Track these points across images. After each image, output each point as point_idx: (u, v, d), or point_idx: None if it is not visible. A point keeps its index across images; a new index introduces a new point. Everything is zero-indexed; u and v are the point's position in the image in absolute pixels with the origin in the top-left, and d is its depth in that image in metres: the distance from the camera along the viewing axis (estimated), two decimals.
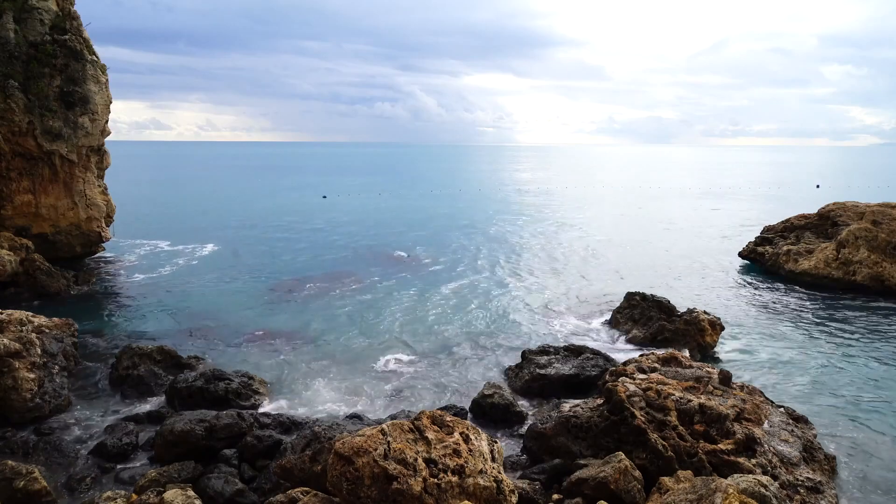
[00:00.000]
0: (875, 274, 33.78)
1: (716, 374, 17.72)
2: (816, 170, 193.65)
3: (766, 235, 42.49)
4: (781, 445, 15.19)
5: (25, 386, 18.72)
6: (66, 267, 35.35)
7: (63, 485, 15.40)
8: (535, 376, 21.23)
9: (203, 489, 14.34)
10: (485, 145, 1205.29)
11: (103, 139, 40.16)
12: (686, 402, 15.71)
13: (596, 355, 22.49)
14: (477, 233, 56.72)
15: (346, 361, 24.20)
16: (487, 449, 12.55)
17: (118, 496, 13.58)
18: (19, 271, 32.35)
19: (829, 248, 36.37)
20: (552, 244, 50.91)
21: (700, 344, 24.75)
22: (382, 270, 40.07)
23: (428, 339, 26.80)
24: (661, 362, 19.08)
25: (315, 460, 13.49)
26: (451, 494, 11.30)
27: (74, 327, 23.26)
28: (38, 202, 37.19)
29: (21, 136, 35.37)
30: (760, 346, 25.98)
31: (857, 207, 39.29)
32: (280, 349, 25.47)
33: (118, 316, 29.72)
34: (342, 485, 11.27)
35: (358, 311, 30.86)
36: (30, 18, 35.89)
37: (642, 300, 27.43)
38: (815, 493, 13.87)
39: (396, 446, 11.62)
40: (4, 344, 18.96)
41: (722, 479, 11.61)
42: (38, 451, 16.66)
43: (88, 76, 37.32)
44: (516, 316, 30.33)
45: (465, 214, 71.13)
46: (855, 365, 23.64)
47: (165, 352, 22.72)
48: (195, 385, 20.04)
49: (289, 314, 30.08)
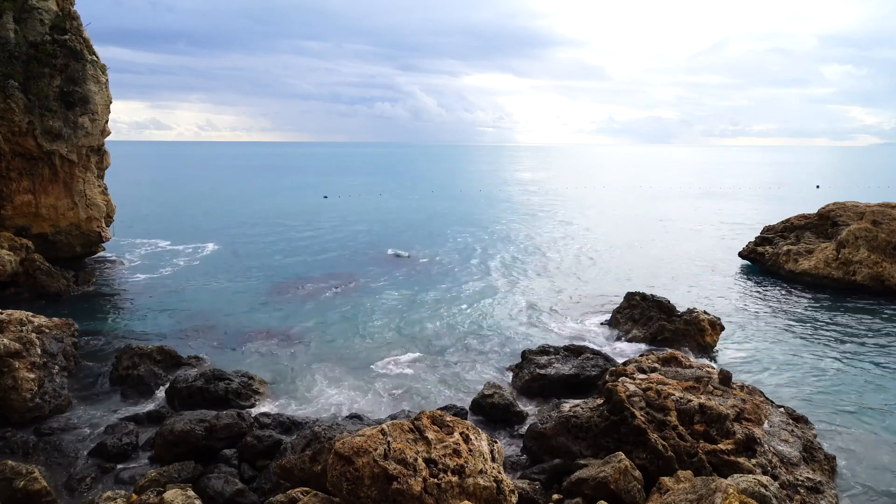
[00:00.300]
0: (875, 274, 33.77)
1: (716, 374, 17.72)
2: (816, 170, 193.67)
3: (766, 235, 42.49)
4: (781, 445, 15.19)
5: (25, 386, 18.72)
6: (66, 267, 35.33)
7: (63, 485, 15.41)
8: (535, 376, 21.23)
9: (203, 489, 14.34)
10: (485, 145, 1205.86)
11: (103, 139, 40.17)
12: (686, 402, 15.72)
13: (596, 355, 22.49)
14: (477, 233, 56.72)
15: (346, 361, 24.21)
16: (487, 449, 12.55)
17: (118, 496, 13.58)
18: (19, 271, 32.35)
19: (829, 248, 36.36)
20: (552, 244, 50.91)
21: (700, 344, 24.75)
22: (383, 270, 40.07)
23: (428, 338, 26.80)
24: (661, 362, 19.08)
25: (315, 460, 13.49)
26: (451, 494, 11.30)
27: (74, 327, 23.27)
28: (38, 202, 37.20)
29: (21, 136, 35.38)
30: (760, 346, 25.98)
31: (857, 207, 39.29)
32: (280, 349, 25.48)
33: (118, 316, 29.72)
34: (342, 485, 11.27)
35: (358, 310, 30.86)
36: (30, 18, 35.89)
37: (642, 300, 27.43)
38: (815, 493, 13.86)
39: (396, 446, 11.62)
40: (4, 344, 18.97)
41: (722, 479, 11.61)
42: (38, 451, 16.66)
43: (88, 76, 37.33)
44: (516, 316, 30.33)
45: (466, 214, 71.15)
46: (855, 365, 23.64)
47: (165, 352, 22.73)
48: (195, 385, 20.05)
49: (289, 314, 30.07)
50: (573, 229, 59.51)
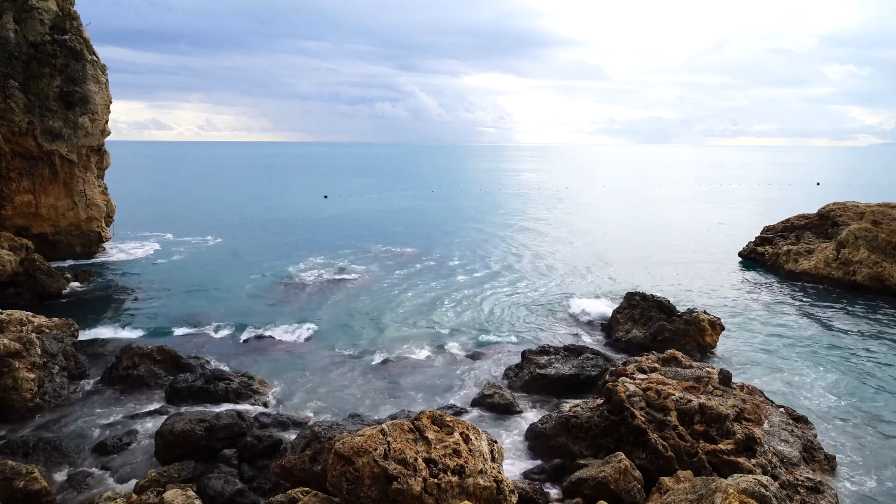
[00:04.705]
0: (875, 274, 33.77)
1: (716, 374, 17.71)
2: (817, 170, 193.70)
3: (766, 235, 42.50)
4: (781, 445, 15.18)
5: (25, 386, 18.72)
6: (66, 267, 35.33)
7: (63, 485, 15.40)
8: (535, 376, 21.22)
9: (203, 489, 14.33)
10: (485, 145, 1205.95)
11: (103, 139, 40.19)
12: (686, 402, 15.71)
13: (596, 355, 22.49)
14: (477, 232, 56.72)
15: (347, 361, 24.21)
16: (487, 449, 12.55)
17: (118, 496, 13.58)
18: (19, 271, 32.34)
19: (829, 248, 36.36)
20: (551, 244, 50.91)
21: (700, 344, 24.74)
22: (382, 270, 40.07)
23: (428, 338, 26.78)
24: (661, 362, 19.07)
25: (315, 460, 13.49)
26: (451, 494, 11.29)
27: (74, 327, 23.26)
28: (38, 202, 37.22)
29: (21, 136, 35.40)
30: (760, 346, 25.97)
31: (857, 207, 39.30)
32: (280, 349, 25.48)
33: (118, 316, 29.70)
34: (342, 485, 11.27)
35: (358, 310, 30.86)
36: (30, 18, 35.91)
37: (642, 300, 27.41)
38: (815, 493, 13.86)
39: (396, 446, 11.61)
40: (4, 344, 18.96)
41: (722, 479, 11.61)
42: (38, 451, 16.63)
43: (88, 76, 37.35)
44: (516, 316, 30.33)
45: (466, 214, 71.16)
46: (855, 365, 23.64)
47: (165, 352, 22.72)
48: (195, 385, 20.05)
49: (289, 314, 30.06)
50: (573, 229, 59.50)
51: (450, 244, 50.32)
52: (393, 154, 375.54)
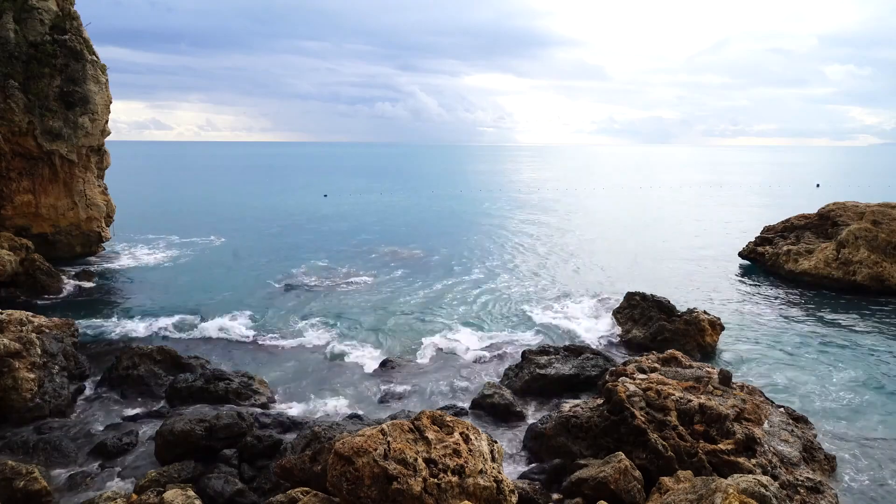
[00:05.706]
0: (875, 274, 33.77)
1: (716, 374, 17.71)
2: (817, 170, 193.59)
3: (766, 235, 42.48)
4: (781, 445, 15.18)
5: (25, 386, 18.72)
6: (66, 267, 35.34)
7: (63, 485, 15.40)
8: (535, 376, 21.22)
9: (203, 489, 14.33)
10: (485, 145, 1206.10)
11: (103, 139, 40.18)
12: (686, 402, 15.71)
13: (596, 355, 22.49)
14: (477, 232, 56.72)
15: (346, 361, 24.21)
16: (487, 449, 12.55)
17: (118, 496, 13.57)
18: (19, 271, 32.35)
19: (829, 248, 36.35)
20: (551, 244, 50.90)
21: (700, 344, 24.74)
22: (382, 270, 40.09)
23: (428, 338, 26.76)
24: (661, 362, 19.07)
25: (315, 460, 13.49)
26: (451, 494, 11.29)
27: (74, 327, 23.26)
28: (38, 202, 37.21)
29: (21, 136, 35.39)
30: (760, 346, 25.97)
31: (857, 207, 39.27)
32: (280, 349, 25.48)
33: (118, 316, 29.70)
34: (342, 485, 11.27)
35: (357, 310, 30.86)
36: (30, 18, 35.90)
37: (642, 300, 27.41)
38: (815, 493, 13.86)
39: (396, 446, 11.62)
40: (4, 344, 18.96)
41: (722, 479, 11.61)
42: (38, 451, 16.63)
43: (88, 76, 37.34)
44: (516, 316, 30.33)
45: (466, 214, 71.15)
46: (855, 365, 23.63)
47: (165, 352, 22.71)
48: (195, 385, 20.05)
49: (289, 313, 30.06)
50: (573, 229, 59.48)
51: (450, 244, 50.30)
52: (393, 154, 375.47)
